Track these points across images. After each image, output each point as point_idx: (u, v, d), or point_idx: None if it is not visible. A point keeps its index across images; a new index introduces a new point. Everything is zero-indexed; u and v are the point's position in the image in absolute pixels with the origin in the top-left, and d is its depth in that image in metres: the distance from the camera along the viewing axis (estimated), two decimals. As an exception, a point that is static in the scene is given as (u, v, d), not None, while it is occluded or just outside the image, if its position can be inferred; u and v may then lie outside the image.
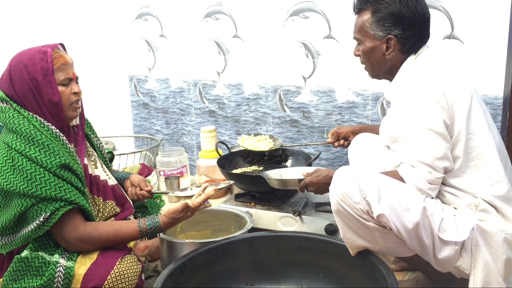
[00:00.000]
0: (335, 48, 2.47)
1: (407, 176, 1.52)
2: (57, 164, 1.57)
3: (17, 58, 1.67)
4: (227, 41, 2.80)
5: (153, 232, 1.67)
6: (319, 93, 2.57)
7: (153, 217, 1.68)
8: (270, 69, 2.69)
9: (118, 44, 3.23)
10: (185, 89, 3.05)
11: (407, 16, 1.60)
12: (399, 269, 1.90)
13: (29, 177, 1.54)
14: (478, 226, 1.47)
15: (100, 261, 1.60)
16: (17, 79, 1.64)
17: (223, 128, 2.94)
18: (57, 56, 1.66)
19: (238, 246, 1.69)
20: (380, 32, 1.64)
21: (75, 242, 1.61)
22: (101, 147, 1.97)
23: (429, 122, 1.49)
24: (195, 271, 1.58)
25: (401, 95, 1.58)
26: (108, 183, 1.84)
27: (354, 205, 1.47)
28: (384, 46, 1.65)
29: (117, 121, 3.36)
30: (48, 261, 1.59)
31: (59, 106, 1.66)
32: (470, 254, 1.48)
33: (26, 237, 1.59)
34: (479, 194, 1.51)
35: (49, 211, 1.55)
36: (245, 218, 1.99)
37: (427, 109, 1.50)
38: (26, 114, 1.63)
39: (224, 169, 2.41)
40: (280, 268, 1.68)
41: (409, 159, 1.52)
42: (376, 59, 1.69)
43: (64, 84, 1.67)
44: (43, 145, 1.58)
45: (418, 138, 1.50)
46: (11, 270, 1.59)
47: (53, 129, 1.65)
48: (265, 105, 2.76)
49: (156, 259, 2.02)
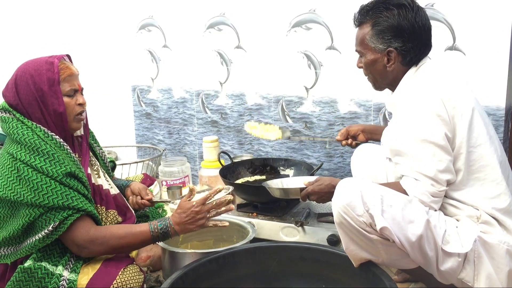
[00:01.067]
0: (337, 59, 2.48)
1: (410, 188, 1.51)
2: (62, 172, 1.58)
3: (23, 68, 1.68)
4: (230, 51, 2.82)
5: (165, 232, 1.64)
6: (321, 104, 2.58)
7: (163, 219, 1.66)
8: (273, 79, 2.70)
9: (121, 55, 3.25)
10: (188, 99, 3.06)
11: (406, 28, 1.61)
12: (401, 280, 1.89)
13: (36, 187, 1.55)
14: (480, 238, 1.47)
15: (102, 271, 1.60)
16: (23, 89, 1.65)
17: (226, 138, 2.95)
18: (63, 68, 1.67)
19: (240, 256, 1.68)
20: (380, 45, 1.65)
21: (87, 245, 1.60)
22: (104, 157, 1.98)
23: (431, 135, 1.49)
24: (197, 281, 1.57)
25: (402, 108, 1.58)
26: (111, 193, 1.85)
27: (357, 217, 1.46)
28: (385, 58, 1.66)
29: (120, 131, 3.37)
30: (51, 272, 1.59)
31: (64, 117, 1.66)
32: (473, 266, 1.47)
33: (32, 246, 1.59)
34: (480, 207, 1.51)
35: (57, 220, 1.56)
36: (247, 228, 1.98)
37: (428, 122, 1.50)
38: (29, 124, 1.64)
39: (226, 179, 2.41)
40: (283, 279, 1.68)
41: (412, 172, 1.52)
42: (378, 71, 1.70)
43: (69, 95, 1.68)
44: (48, 155, 1.59)
45: (420, 152, 1.50)
46: (14, 280, 1.59)
47: (57, 139, 1.66)
48: (268, 115, 2.77)
49: (158, 270, 2.01)
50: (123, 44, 3.22)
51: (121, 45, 3.23)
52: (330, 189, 1.66)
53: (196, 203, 1.65)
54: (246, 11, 2.71)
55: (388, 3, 1.63)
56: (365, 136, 2.08)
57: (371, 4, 1.68)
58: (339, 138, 2.14)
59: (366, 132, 2.08)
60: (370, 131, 2.08)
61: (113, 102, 3.37)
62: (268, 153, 2.81)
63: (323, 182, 1.77)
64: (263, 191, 2.17)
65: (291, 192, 1.93)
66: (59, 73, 1.65)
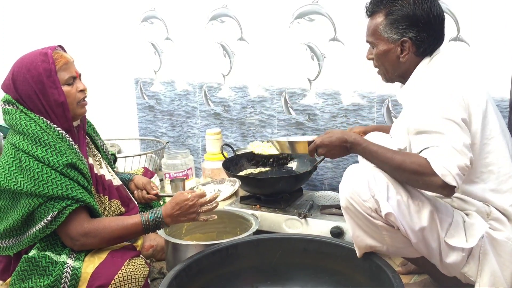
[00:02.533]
0: (341, 50, 2.46)
1: (434, 158, 1.38)
2: (63, 163, 1.58)
3: (19, 63, 1.68)
4: (233, 43, 2.81)
5: (156, 224, 1.66)
6: (325, 96, 2.57)
7: (155, 210, 1.68)
8: (276, 71, 2.69)
9: (124, 47, 3.24)
10: (191, 91, 3.06)
11: (421, 17, 1.56)
12: (405, 272, 1.89)
13: (36, 176, 1.56)
14: (488, 234, 1.45)
15: (108, 260, 1.61)
16: (21, 84, 1.65)
17: (229, 130, 2.94)
18: (58, 57, 1.68)
19: (243, 248, 1.68)
20: (394, 34, 1.60)
21: (80, 237, 1.61)
22: (105, 149, 1.99)
23: (453, 115, 1.43)
24: (200, 273, 1.58)
25: (419, 96, 1.53)
26: (113, 183, 1.86)
27: (363, 202, 1.45)
28: (398, 49, 1.61)
29: (122, 124, 3.37)
30: (55, 261, 1.60)
31: (65, 106, 1.67)
32: (477, 262, 1.46)
33: (33, 236, 1.60)
34: (491, 202, 1.49)
35: (56, 210, 1.56)
36: (251, 221, 1.99)
37: (449, 103, 1.45)
38: (32, 116, 1.64)
39: (229, 171, 2.41)
40: (286, 271, 1.68)
41: (438, 143, 1.41)
42: (390, 62, 1.65)
43: (69, 83, 1.69)
44: (50, 145, 1.59)
45: (445, 127, 1.42)
46: (19, 270, 1.60)
47: (59, 130, 1.66)
48: (271, 107, 2.76)
49: (160, 260, 2.02)
50: (125, 37, 3.21)
51: (124, 37, 3.22)
52: (342, 142, 1.57)
53: (191, 196, 1.66)
54: (248, 3, 2.69)
55: None
56: None
57: None
58: None
59: (367, 133, 2.03)
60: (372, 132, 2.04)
61: (116, 95, 3.37)
62: (271, 146, 2.80)
63: (333, 134, 1.62)
64: (266, 183, 2.17)
65: (298, 146, 1.74)
66: (55, 63, 1.66)
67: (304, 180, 2.40)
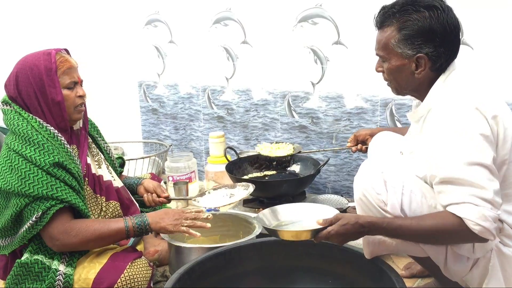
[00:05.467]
0: (344, 54, 2.47)
1: (467, 214, 1.31)
2: (50, 162, 1.59)
3: (22, 61, 1.71)
4: (236, 47, 2.81)
5: (141, 230, 1.65)
6: (328, 99, 2.57)
7: (141, 215, 1.67)
8: (279, 75, 2.70)
9: (127, 50, 3.25)
10: (194, 95, 3.06)
11: (438, 31, 1.43)
12: (408, 276, 1.88)
13: (23, 176, 1.56)
14: (497, 248, 1.43)
15: (110, 264, 1.61)
16: (22, 82, 1.67)
17: (232, 133, 2.95)
18: (63, 60, 1.69)
19: (246, 251, 1.68)
20: (409, 50, 1.46)
21: (60, 236, 1.59)
22: (109, 151, 1.99)
23: (481, 157, 1.34)
24: (203, 276, 1.57)
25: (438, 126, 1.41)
26: (113, 185, 1.85)
27: (377, 195, 1.44)
28: (413, 64, 1.48)
29: (126, 127, 3.38)
30: (48, 266, 1.61)
31: (62, 106, 1.68)
32: (481, 272, 1.45)
33: (22, 237, 1.61)
34: (505, 221, 1.44)
35: (41, 210, 1.57)
36: (254, 224, 1.98)
37: (475, 143, 1.35)
38: (26, 116, 1.66)
39: (233, 174, 2.41)
40: (289, 274, 1.67)
41: (467, 197, 1.32)
42: (403, 78, 1.52)
43: (69, 88, 1.70)
44: (38, 145, 1.61)
45: (474, 175, 1.32)
46: (13, 274, 1.62)
47: (51, 130, 1.67)
48: (274, 110, 2.76)
49: (165, 264, 2.02)
50: (129, 40, 3.22)
51: (127, 40, 3.23)
52: (358, 229, 1.41)
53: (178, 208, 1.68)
54: (252, 6, 2.70)
55: (418, 5, 1.45)
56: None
57: (397, 6, 1.48)
58: (349, 145, 2.14)
59: (374, 136, 2.00)
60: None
61: (120, 98, 3.38)
62: (274, 149, 2.80)
63: (348, 221, 1.41)
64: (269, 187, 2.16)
65: (304, 235, 1.47)
66: (58, 65, 1.67)
67: (307, 183, 2.40)
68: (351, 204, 2.23)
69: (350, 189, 2.57)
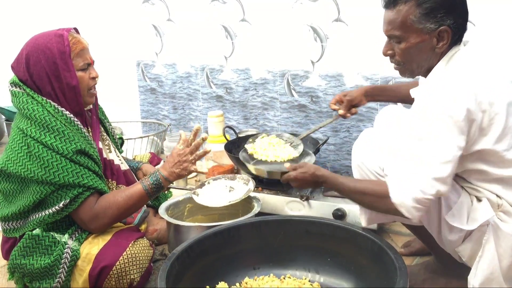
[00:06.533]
0: (344, 31, 2.43)
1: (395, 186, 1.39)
2: (73, 150, 1.57)
3: (33, 42, 1.64)
4: (235, 25, 2.77)
5: (158, 185, 1.68)
6: (328, 78, 2.54)
7: (153, 173, 1.70)
8: (278, 53, 2.67)
9: (125, 29, 3.21)
10: (193, 74, 3.03)
11: (458, 1, 1.41)
12: (407, 254, 1.89)
13: (46, 164, 1.54)
14: (494, 223, 1.43)
15: (113, 242, 1.62)
16: (34, 65, 1.62)
17: (231, 113, 2.93)
18: (75, 42, 1.65)
19: (245, 230, 1.68)
20: (431, 24, 1.40)
21: (92, 221, 1.62)
22: (113, 132, 1.98)
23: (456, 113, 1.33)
24: (202, 255, 1.58)
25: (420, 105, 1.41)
26: (121, 168, 1.85)
27: (374, 161, 1.52)
28: (434, 40, 1.42)
29: (124, 107, 3.36)
30: (58, 240, 1.61)
31: (77, 90, 1.65)
32: (474, 245, 1.45)
33: (41, 220, 1.60)
34: (505, 197, 1.44)
35: (68, 198, 1.57)
36: (253, 203, 1.98)
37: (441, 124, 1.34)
38: (40, 100, 1.62)
39: (232, 153, 2.40)
40: (288, 252, 1.68)
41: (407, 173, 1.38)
42: (422, 56, 1.46)
43: (83, 69, 1.66)
44: (58, 132, 1.58)
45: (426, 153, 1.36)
46: (21, 246, 1.61)
47: (67, 115, 1.64)
48: (273, 89, 2.74)
49: (164, 243, 2.02)
50: (126, 18, 3.18)
51: (125, 19, 3.18)
52: (314, 178, 1.58)
53: (179, 144, 1.71)
54: (251, -17, 2.66)
55: None
56: (367, 100, 1.92)
57: None
58: (342, 112, 1.93)
59: (368, 96, 1.92)
60: (373, 94, 1.91)
61: (118, 77, 3.34)
62: (274, 128, 2.79)
63: (307, 170, 1.60)
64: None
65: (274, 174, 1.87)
66: (71, 47, 1.63)
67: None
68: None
69: (349, 168, 2.54)
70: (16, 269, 1.63)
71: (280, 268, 1.68)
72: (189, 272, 1.52)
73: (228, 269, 1.64)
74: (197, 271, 1.56)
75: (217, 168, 2.52)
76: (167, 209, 1.97)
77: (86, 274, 1.59)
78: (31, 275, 1.61)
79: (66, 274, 1.59)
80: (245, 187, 1.99)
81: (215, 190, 2.01)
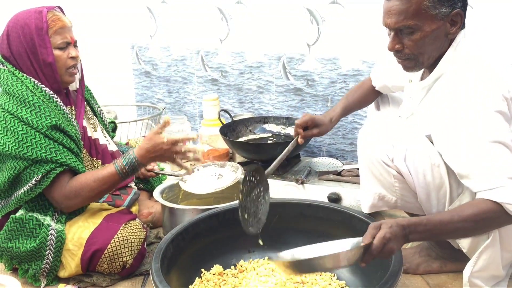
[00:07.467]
0: (341, 14, 2.41)
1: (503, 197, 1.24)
2: (47, 125, 1.56)
3: (14, 19, 1.65)
4: (230, 7, 2.74)
5: (132, 167, 1.61)
6: (324, 61, 2.52)
7: (127, 154, 1.63)
8: (274, 36, 2.64)
9: (119, 11, 3.17)
10: (187, 57, 3.01)
11: None
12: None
13: (20, 138, 1.54)
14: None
15: (104, 225, 1.61)
16: (14, 40, 1.62)
17: (226, 96, 2.91)
18: (54, 19, 1.63)
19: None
20: (446, 8, 1.35)
21: (63, 200, 1.60)
22: (102, 114, 1.96)
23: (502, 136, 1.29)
24: (197, 237, 1.57)
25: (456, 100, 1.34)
26: (108, 148, 1.83)
27: (381, 149, 1.46)
28: (447, 25, 1.37)
29: (119, 90, 3.33)
30: (42, 223, 1.61)
31: (53, 67, 1.63)
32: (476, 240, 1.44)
33: (19, 199, 1.60)
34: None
35: (40, 174, 1.55)
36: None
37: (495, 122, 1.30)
38: (20, 76, 1.62)
39: (227, 137, 2.39)
40: (282, 235, 1.67)
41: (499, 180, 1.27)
42: (436, 44, 1.40)
43: (61, 48, 1.64)
44: (34, 106, 1.57)
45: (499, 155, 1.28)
46: (6, 230, 1.61)
47: (47, 91, 1.63)
48: (268, 73, 2.72)
49: (158, 226, 2.02)
50: (120, 0, 3.13)
51: (119, 1, 3.14)
52: (402, 231, 1.24)
53: (167, 140, 1.59)
54: (246, -36, 2.62)
55: None
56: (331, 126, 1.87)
57: None
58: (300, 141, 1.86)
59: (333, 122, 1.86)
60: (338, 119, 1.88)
61: (112, 61, 3.31)
62: (269, 112, 2.77)
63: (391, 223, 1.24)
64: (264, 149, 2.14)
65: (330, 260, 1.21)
66: (49, 24, 1.62)
67: (302, 146, 2.38)
68: (346, 167, 2.22)
69: (345, 152, 2.56)
70: (4, 253, 1.63)
71: (275, 251, 1.67)
72: (183, 255, 1.52)
73: (223, 252, 1.64)
74: (192, 254, 1.56)
75: (212, 152, 2.51)
76: (162, 192, 1.96)
77: (78, 258, 1.59)
78: (19, 258, 1.61)
79: (54, 255, 1.60)
80: (233, 174, 1.98)
81: (203, 177, 1.99)
